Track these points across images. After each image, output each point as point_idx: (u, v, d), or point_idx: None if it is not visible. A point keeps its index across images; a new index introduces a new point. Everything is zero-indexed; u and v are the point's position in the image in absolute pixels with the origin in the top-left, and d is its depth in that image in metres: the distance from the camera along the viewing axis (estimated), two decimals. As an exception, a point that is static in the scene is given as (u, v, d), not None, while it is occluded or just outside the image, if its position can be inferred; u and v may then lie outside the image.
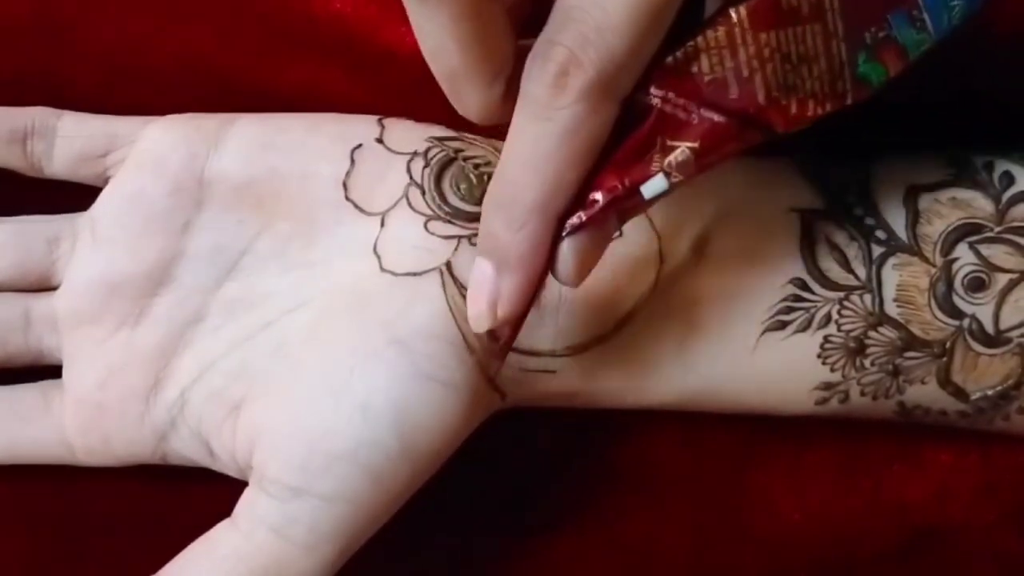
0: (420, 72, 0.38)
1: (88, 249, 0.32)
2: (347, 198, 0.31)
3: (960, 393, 0.31)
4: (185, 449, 0.32)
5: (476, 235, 0.30)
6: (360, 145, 0.32)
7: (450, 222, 0.31)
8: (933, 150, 0.33)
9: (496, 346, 0.29)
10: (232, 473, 0.32)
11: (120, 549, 0.34)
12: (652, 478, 0.35)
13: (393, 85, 0.38)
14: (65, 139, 0.33)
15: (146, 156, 0.32)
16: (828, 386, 0.32)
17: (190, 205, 0.32)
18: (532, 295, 0.27)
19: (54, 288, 0.33)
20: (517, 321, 0.27)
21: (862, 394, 0.32)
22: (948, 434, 0.34)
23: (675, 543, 0.34)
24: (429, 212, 0.31)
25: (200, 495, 0.33)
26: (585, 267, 0.27)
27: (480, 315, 0.27)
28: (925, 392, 0.31)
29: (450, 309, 0.30)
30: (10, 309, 0.32)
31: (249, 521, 0.30)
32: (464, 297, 0.30)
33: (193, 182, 0.32)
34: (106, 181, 0.33)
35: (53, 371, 0.33)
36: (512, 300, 0.27)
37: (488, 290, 0.27)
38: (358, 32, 0.38)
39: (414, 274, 0.30)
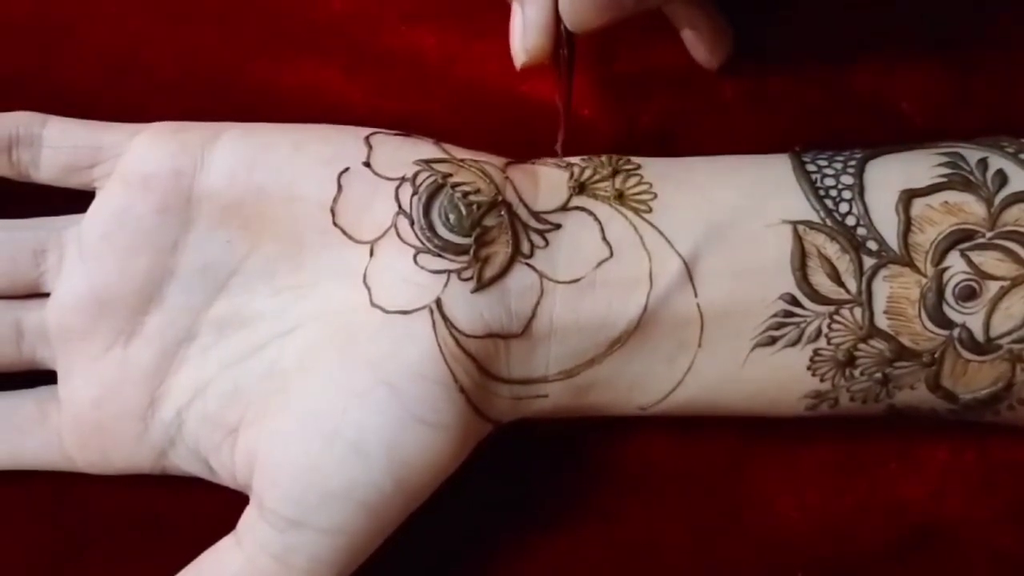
0: (418, 72, 0.38)
1: (76, 265, 0.32)
2: (335, 224, 0.31)
3: (950, 396, 0.31)
4: (184, 465, 0.32)
5: (466, 269, 0.30)
6: (347, 169, 0.31)
7: (440, 255, 0.30)
8: (928, 142, 0.33)
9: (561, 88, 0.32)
10: (232, 487, 0.32)
11: (120, 549, 0.34)
12: (650, 477, 0.35)
13: (392, 85, 0.38)
14: (50, 149, 0.32)
15: (132, 172, 0.32)
16: (817, 395, 0.32)
17: (178, 224, 0.31)
18: (550, 25, 0.31)
19: (45, 294, 0.33)
20: (547, 51, 0.31)
21: (851, 399, 0.32)
22: (945, 432, 0.34)
23: (673, 541, 0.34)
24: (418, 244, 0.30)
25: (200, 495, 0.33)
26: (582, 6, 0.30)
27: (515, 52, 0.32)
28: (914, 396, 0.31)
29: (440, 349, 0.30)
30: (0, 319, 0.32)
31: (252, 545, 0.30)
32: (454, 338, 0.30)
33: (181, 201, 0.31)
34: (95, 190, 0.32)
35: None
36: (532, 29, 0.31)
37: (517, 27, 0.31)
38: (357, 32, 0.38)
39: (404, 312, 0.30)
